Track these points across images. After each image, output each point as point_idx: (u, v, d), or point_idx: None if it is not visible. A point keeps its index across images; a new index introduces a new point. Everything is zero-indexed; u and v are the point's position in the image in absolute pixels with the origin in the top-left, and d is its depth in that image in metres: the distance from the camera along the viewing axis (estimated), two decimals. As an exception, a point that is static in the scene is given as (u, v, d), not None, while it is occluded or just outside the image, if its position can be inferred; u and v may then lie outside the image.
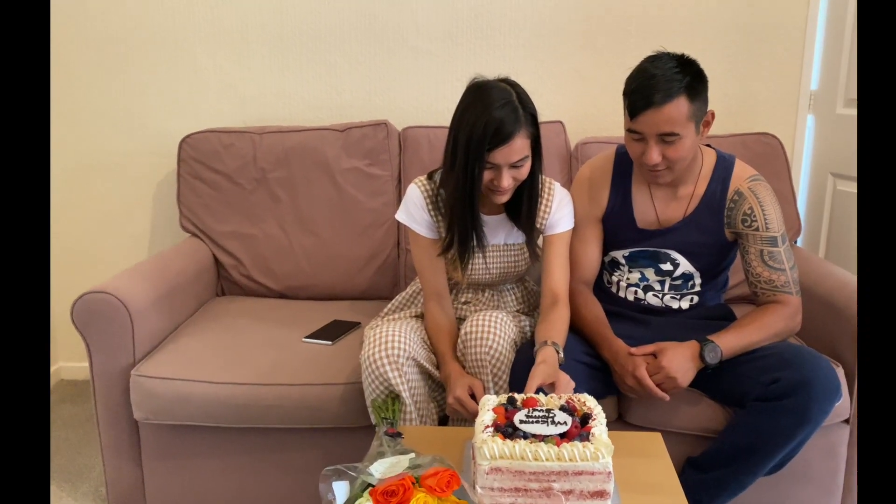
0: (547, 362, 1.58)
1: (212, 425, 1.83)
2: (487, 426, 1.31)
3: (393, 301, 2.01)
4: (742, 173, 1.80)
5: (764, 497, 1.83)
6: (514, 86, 1.67)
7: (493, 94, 1.62)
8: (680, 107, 1.61)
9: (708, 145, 1.87)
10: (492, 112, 1.59)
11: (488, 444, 1.25)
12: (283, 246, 2.36)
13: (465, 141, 1.61)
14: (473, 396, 1.61)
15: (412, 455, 1.21)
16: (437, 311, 1.82)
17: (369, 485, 1.15)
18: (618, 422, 1.84)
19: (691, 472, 1.76)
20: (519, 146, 1.62)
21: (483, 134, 1.59)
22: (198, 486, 1.91)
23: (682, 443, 1.79)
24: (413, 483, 1.14)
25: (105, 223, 2.68)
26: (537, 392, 1.48)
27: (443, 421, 1.79)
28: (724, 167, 1.81)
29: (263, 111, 2.60)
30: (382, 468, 1.16)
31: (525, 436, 1.29)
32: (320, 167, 2.36)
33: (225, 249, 2.38)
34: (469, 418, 1.60)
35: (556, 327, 1.71)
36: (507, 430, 1.30)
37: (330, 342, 1.98)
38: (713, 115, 1.72)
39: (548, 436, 1.27)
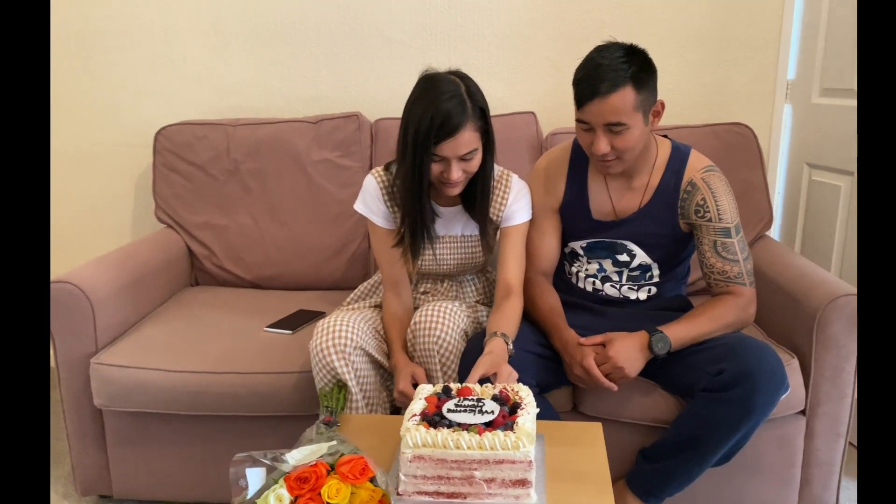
0: (493, 353, 1.59)
1: (169, 412, 1.86)
2: (414, 415, 1.33)
3: (356, 290, 2.03)
4: (696, 164, 1.79)
5: (720, 489, 1.84)
6: (464, 78, 1.67)
7: (441, 87, 1.62)
8: (626, 97, 1.61)
9: (665, 136, 1.86)
10: (439, 105, 1.59)
11: (411, 433, 1.26)
12: (254, 236, 2.39)
13: (413, 133, 1.63)
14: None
15: (332, 443, 1.23)
16: (393, 301, 1.84)
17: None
18: (572, 412, 1.85)
19: (642, 462, 1.76)
20: (466, 139, 1.62)
21: (430, 126, 1.59)
22: (160, 471, 1.94)
23: (635, 433, 1.80)
24: (328, 470, 1.16)
25: (84, 214, 2.72)
26: (481, 382, 1.49)
27: (397, 409, 1.81)
28: (678, 158, 1.80)
29: (240, 102, 2.62)
30: (299, 455, 1.18)
31: (450, 424, 1.30)
32: (291, 158, 2.39)
33: (198, 240, 2.41)
34: None
35: (507, 318, 1.71)
36: (433, 419, 1.31)
37: (290, 331, 2.00)
38: (663, 105, 1.71)
39: (472, 424, 1.29)
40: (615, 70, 1.60)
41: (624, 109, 1.61)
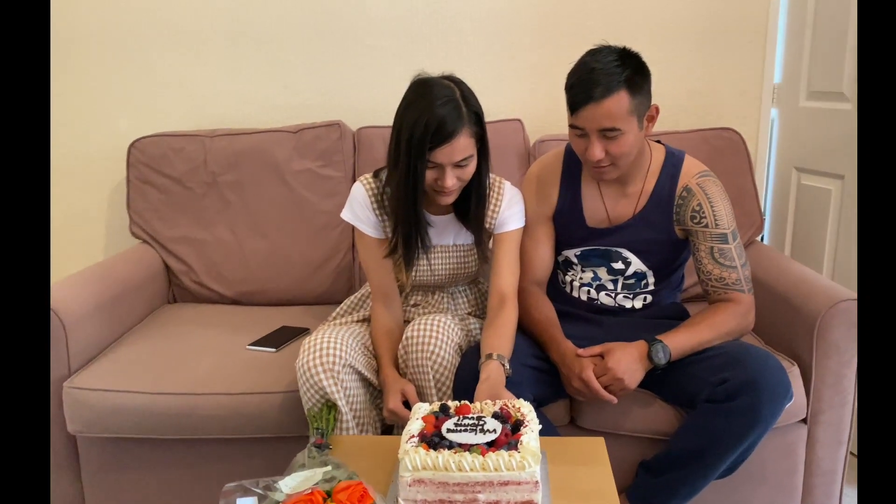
0: (491, 379, 1.52)
1: (149, 437, 1.77)
2: (412, 436, 1.26)
3: (342, 304, 1.96)
4: (691, 169, 1.75)
5: (722, 499, 1.79)
6: (458, 83, 1.62)
7: (435, 92, 1.57)
8: (620, 101, 1.56)
9: (658, 141, 1.83)
10: (434, 109, 1.54)
11: (410, 456, 1.20)
12: (234, 251, 2.31)
13: (406, 139, 1.57)
14: (408, 404, 1.56)
15: (328, 468, 1.16)
16: (382, 313, 1.77)
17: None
18: (570, 426, 1.80)
19: (644, 475, 1.71)
20: (462, 145, 1.57)
21: (424, 132, 1.54)
22: (140, 500, 1.85)
23: (635, 446, 1.75)
24: (324, 498, 1.09)
25: (55, 231, 2.61)
26: None
27: (388, 429, 1.74)
28: (672, 163, 1.76)
29: (218, 113, 2.55)
30: (293, 483, 1.11)
31: (451, 445, 1.24)
32: (272, 169, 2.32)
33: (175, 255, 2.33)
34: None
35: (501, 336, 1.65)
36: (432, 440, 1.25)
37: (274, 349, 1.92)
38: (657, 109, 1.67)
39: (474, 445, 1.22)
40: (609, 74, 1.56)
41: (619, 114, 1.57)
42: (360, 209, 1.76)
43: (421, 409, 1.36)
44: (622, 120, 1.58)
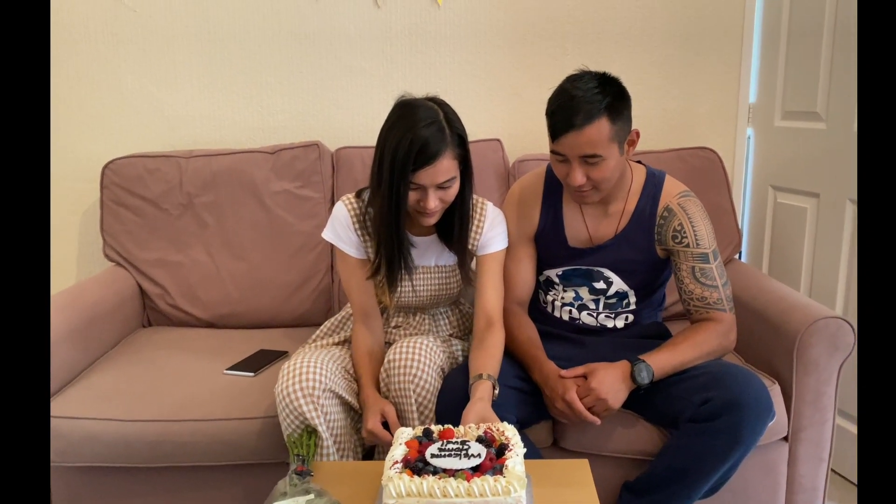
0: (483, 399, 1.51)
1: (125, 465, 1.72)
2: (396, 462, 1.24)
3: (322, 327, 1.93)
4: (672, 189, 1.76)
5: (706, 521, 1.78)
6: (441, 105, 1.62)
7: (419, 113, 1.57)
8: (601, 128, 1.57)
9: (639, 161, 1.84)
10: (417, 131, 1.53)
11: (394, 482, 1.18)
12: (210, 273, 2.27)
13: (389, 160, 1.56)
14: (388, 425, 1.54)
15: (311, 497, 1.13)
16: (363, 334, 1.75)
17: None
18: (553, 447, 1.78)
19: (628, 496, 1.70)
20: (445, 167, 1.57)
21: (408, 153, 1.53)
22: (114, 530, 1.80)
23: (618, 467, 1.74)
24: (307, 528, 1.06)
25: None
26: None
27: (370, 452, 1.72)
28: (653, 183, 1.77)
29: (194, 134, 2.52)
30: (275, 513, 1.08)
31: (435, 471, 1.22)
32: (249, 190, 2.29)
33: (150, 278, 2.28)
34: (388, 446, 1.54)
35: (490, 356, 1.64)
36: (416, 465, 1.23)
37: (252, 374, 1.89)
38: (638, 134, 1.68)
39: (458, 470, 1.21)
40: (589, 102, 1.56)
41: (599, 141, 1.57)
42: (341, 229, 1.75)
43: (404, 434, 1.34)
44: (603, 147, 1.58)
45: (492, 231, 1.77)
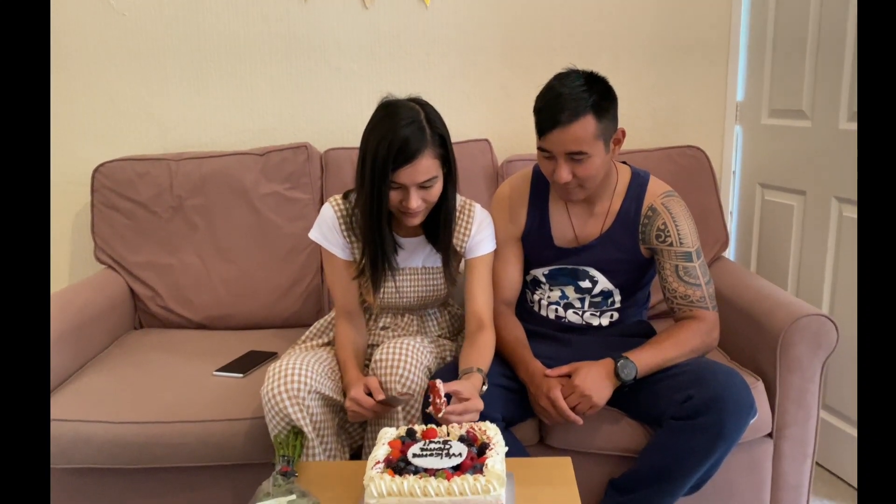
0: (471, 381, 1.54)
1: (115, 467, 1.73)
2: (378, 462, 1.26)
3: (311, 328, 1.95)
4: (656, 189, 1.78)
5: (691, 518, 1.80)
6: (424, 105, 1.64)
7: (400, 113, 1.58)
8: (587, 126, 1.58)
9: (623, 162, 1.85)
10: (397, 131, 1.55)
11: (375, 482, 1.19)
12: (200, 275, 2.29)
13: (370, 160, 1.58)
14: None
15: (293, 497, 1.15)
16: (346, 328, 1.78)
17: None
18: (539, 445, 1.79)
19: (613, 494, 1.72)
20: (425, 166, 1.58)
21: (388, 153, 1.55)
22: (105, 531, 1.81)
23: (604, 464, 1.75)
24: (288, 528, 1.08)
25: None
26: (447, 398, 1.43)
27: (357, 453, 1.73)
28: (638, 184, 1.79)
29: (183, 137, 2.53)
30: (256, 514, 1.09)
31: (416, 470, 1.23)
32: (238, 193, 2.30)
33: (141, 280, 2.30)
34: (369, 417, 1.56)
35: (482, 354, 1.67)
36: (398, 465, 1.24)
37: (241, 375, 1.90)
38: (623, 133, 1.69)
39: (439, 469, 1.22)
40: (576, 99, 1.58)
41: (585, 139, 1.59)
42: (328, 230, 1.76)
43: (387, 434, 1.36)
44: (589, 144, 1.60)
45: (480, 234, 1.78)
